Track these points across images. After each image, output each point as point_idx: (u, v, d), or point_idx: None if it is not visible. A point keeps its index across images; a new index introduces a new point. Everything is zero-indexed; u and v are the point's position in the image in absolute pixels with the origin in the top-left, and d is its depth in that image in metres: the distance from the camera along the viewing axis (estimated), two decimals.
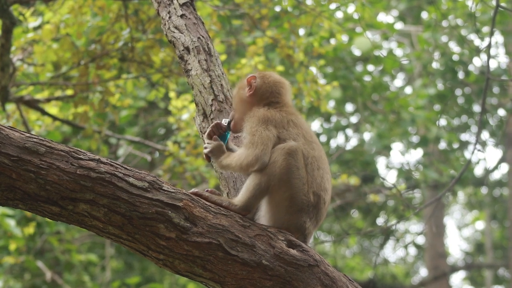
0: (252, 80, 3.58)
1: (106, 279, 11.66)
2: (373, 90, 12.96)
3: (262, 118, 3.43)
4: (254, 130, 3.39)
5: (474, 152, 5.86)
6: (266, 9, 7.17)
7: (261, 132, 3.38)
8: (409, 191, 7.97)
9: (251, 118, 3.45)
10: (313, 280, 3.19)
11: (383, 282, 18.66)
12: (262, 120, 3.42)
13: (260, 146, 3.34)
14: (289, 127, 3.44)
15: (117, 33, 6.95)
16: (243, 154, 3.34)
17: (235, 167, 3.38)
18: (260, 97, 3.56)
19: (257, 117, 3.44)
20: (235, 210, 3.30)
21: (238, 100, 3.61)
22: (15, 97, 7.11)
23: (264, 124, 3.40)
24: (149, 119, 12.04)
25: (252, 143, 3.35)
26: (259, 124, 3.40)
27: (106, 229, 3.11)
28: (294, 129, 3.44)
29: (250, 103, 3.56)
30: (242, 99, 3.59)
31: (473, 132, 14.92)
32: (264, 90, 3.57)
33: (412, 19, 14.67)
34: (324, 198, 3.41)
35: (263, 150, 3.33)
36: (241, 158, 3.35)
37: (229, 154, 3.45)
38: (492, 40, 5.67)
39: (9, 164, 3.01)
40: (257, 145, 3.34)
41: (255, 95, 3.56)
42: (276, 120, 3.44)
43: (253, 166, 3.33)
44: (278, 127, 3.42)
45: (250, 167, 3.33)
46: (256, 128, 3.39)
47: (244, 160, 3.33)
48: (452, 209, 23.85)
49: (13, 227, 8.67)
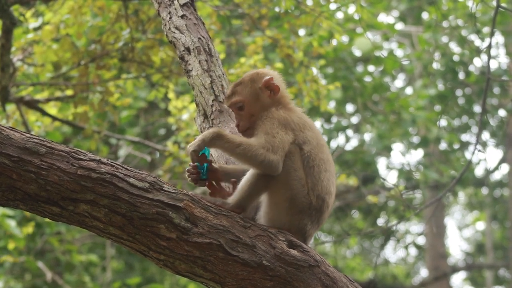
0: (271, 82, 3.46)
1: (107, 279, 11.66)
2: (373, 90, 12.97)
3: (283, 120, 3.35)
4: (275, 132, 3.29)
5: (475, 153, 5.86)
6: (265, 9, 7.17)
7: (282, 136, 3.29)
8: (409, 192, 7.96)
9: (270, 119, 3.35)
10: (314, 281, 3.19)
11: (383, 283, 18.67)
12: (283, 123, 3.34)
13: (281, 153, 3.25)
14: (305, 129, 3.39)
15: (117, 33, 6.94)
16: (259, 150, 3.23)
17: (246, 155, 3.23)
18: (278, 99, 3.47)
19: (277, 119, 3.35)
20: (228, 208, 3.28)
21: (260, 106, 3.44)
22: (15, 98, 7.11)
23: (284, 127, 3.33)
24: (150, 120, 12.04)
25: (272, 145, 3.25)
26: (279, 127, 3.32)
27: (107, 229, 3.11)
28: (309, 131, 3.40)
29: (267, 105, 3.44)
30: (264, 104, 3.44)
31: (473, 133, 14.92)
32: (282, 93, 3.49)
33: (412, 19, 14.67)
34: (328, 201, 3.39)
35: (282, 157, 3.25)
36: (257, 152, 3.22)
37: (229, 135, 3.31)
38: (492, 40, 5.67)
39: (9, 164, 3.00)
40: (277, 150, 3.24)
41: (274, 98, 3.46)
42: (295, 122, 3.38)
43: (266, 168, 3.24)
44: (296, 130, 3.36)
45: (263, 167, 3.24)
46: (277, 130, 3.30)
47: (260, 157, 3.21)
48: (452, 209, 23.85)
49: (13, 228, 8.67)
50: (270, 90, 3.46)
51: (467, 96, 14.41)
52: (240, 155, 3.25)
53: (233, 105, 3.48)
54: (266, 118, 3.37)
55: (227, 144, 3.27)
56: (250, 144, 3.25)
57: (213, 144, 3.31)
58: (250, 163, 3.27)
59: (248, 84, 3.48)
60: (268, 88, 3.46)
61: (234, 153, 3.27)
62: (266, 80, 3.46)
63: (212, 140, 3.28)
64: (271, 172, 3.25)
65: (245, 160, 3.26)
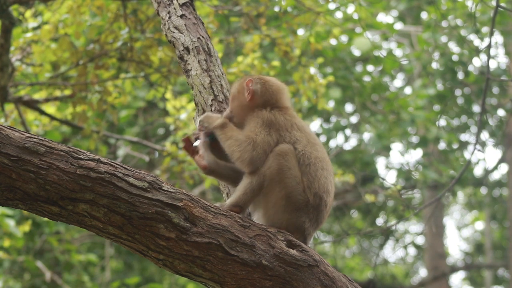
0: (249, 84, 3.57)
1: (106, 279, 11.66)
2: (372, 90, 12.96)
3: (267, 120, 3.43)
4: (258, 131, 3.39)
5: (474, 153, 5.86)
6: (263, 7, 7.17)
7: (264, 136, 3.38)
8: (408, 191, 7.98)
9: (256, 118, 3.45)
10: (313, 280, 3.19)
11: (382, 283, 18.68)
12: (266, 123, 3.42)
13: (260, 151, 3.34)
14: (292, 130, 3.44)
15: (115, 33, 6.94)
16: (241, 146, 3.35)
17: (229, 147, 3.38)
18: (261, 101, 3.55)
19: (262, 118, 3.44)
20: (227, 207, 3.31)
21: (238, 105, 3.59)
22: (14, 97, 7.11)
23: (268, 127, 3.41)
24: (149, 119, 12.03)
25: (253, 142, 3.35)
26: (262, 126, 3.41)
27: (106, 229, 3.11)
28: (297, 132, 3.45)
29: (250, 107, 3.54)
30: (242, 104, 3.57)
31: (472, 133, 14.93)
32: (265, 95, 3.56)
33: (411, 19, 14.67)
34: (325, 200, 3.40)
35: (260, 156, 3.34)
36: (238, 148, 3.35)
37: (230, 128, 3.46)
38: (492, 40, 5.67)
39: (9, 164, 3.00)
40: (256, 148, 3.35)
41: (255, 100, 3.55)
42: (280, 123, 3.44)
43: (243, 164, 3.35)
44: (281, 130, 3.42)
45: (239, 162, 3.35)
46: (260, 129, 3.40)
47: (237, 153, 3.35)
48: (451, 209, 23.85)
49: (12, 227, 8.67)
50: (249, 92, 3.56)
51: (466, 96, 14.40)
52: (226, 148, 3.40)
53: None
54: (252, 117, 3.47)
55: (222, 136, 3.43)
56: (236, 139, 3.38)
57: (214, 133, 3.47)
58: (232, 157, 3.38)
59: (238, 82, 3.66)
60: (248, 90, 3.57)
61: (224, 145, 3.42)
62: (246, 82, 3.59)
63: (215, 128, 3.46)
64: (246, 169, 3.35)
65: (229, 153, 3.39)
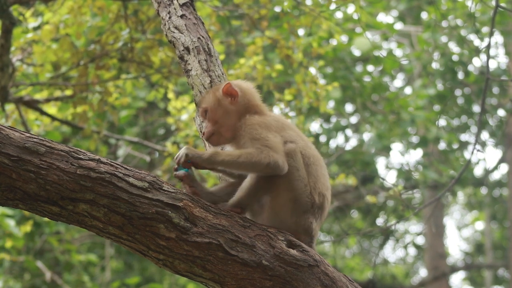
0: (229, 88, 3.45)
1: (106, 279, 11.66)
2: (372, 90, 12.96)
3: (264, 124, 3.34)
4: (264, 135, 3.28)
5: (474, 153, 5.86)
6: (265, 9, 7.17)
7: (273, 138, 3.28)
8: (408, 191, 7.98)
9: (250, 126, 3.34)
10: (313, 280, 3.19)
11: (382, 283, 18.67)
12: (264, 126, 3.33)
13: (280, 151, 3.24)
14: (285, 129, 3.38)
15: (116, 33, 6.95)
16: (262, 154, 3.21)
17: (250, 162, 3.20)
18: (243, 103, 3.45)
19: (257, 124, 3.34)
20: (227, 208, 3.28)
21: (223, 113, 3.43)
22: (15, 98, 7.11)
23: (268, 129, 3.31)
24: (149, 120, 12.04)
25: (269, 146, 3.23)
26: (264, 131, 3.31)
27: (106, 229, 3.11)
28: (290, 131, 3.39)
29: (236, 113, 3.43)
30: (228, 110, 3.43)
31: (472, 133, 14.93)
32: (246, 96, 3.47)
33: (411, 19, 14.67)
34: (327, 197, 3.40)
35: (283, 155, 3.24)
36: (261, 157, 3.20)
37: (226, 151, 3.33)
38: (491, 40, 5.67)
39: (9, 164, 3.00)
40: (277, 149, 3.23)
41: (238, 103, 3.44)
42: (273, 125, 3.36)
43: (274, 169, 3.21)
44: (278, 132, 3.35)
45: (270, 169, 3.22)
46: (265, 134, 3.29)
47: (265, 160, 3.19)
48: (451, 209, 23.86)
49: (12, 227, 8.68)
50: (230, 96, 3.45)
51: (466, 96, 14.41)
52: (244, 163, 3.22)
53: (201, 113, 3.50)
54: (245, 126, 3.36)
55: (228, 158, 3.24)
56: (249, 152, 3.23)
57: (212, 163, 3.28)
58: (256, 169, 3.24)
59: (211, 92, 3.50)
60: (228, 95, 3.45)
61: (236, 163, 3.24)
62: (224, 87, 3.45)
63: (211, 157, 3.27)
64: (279, 172, 3.23)
65: (251, 167, 3.23)
